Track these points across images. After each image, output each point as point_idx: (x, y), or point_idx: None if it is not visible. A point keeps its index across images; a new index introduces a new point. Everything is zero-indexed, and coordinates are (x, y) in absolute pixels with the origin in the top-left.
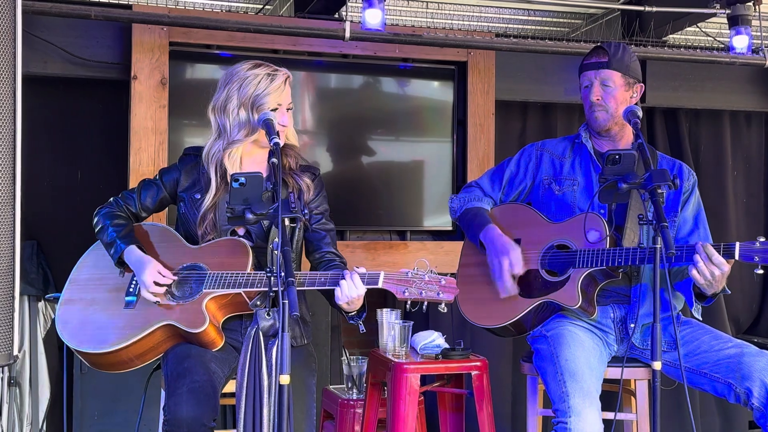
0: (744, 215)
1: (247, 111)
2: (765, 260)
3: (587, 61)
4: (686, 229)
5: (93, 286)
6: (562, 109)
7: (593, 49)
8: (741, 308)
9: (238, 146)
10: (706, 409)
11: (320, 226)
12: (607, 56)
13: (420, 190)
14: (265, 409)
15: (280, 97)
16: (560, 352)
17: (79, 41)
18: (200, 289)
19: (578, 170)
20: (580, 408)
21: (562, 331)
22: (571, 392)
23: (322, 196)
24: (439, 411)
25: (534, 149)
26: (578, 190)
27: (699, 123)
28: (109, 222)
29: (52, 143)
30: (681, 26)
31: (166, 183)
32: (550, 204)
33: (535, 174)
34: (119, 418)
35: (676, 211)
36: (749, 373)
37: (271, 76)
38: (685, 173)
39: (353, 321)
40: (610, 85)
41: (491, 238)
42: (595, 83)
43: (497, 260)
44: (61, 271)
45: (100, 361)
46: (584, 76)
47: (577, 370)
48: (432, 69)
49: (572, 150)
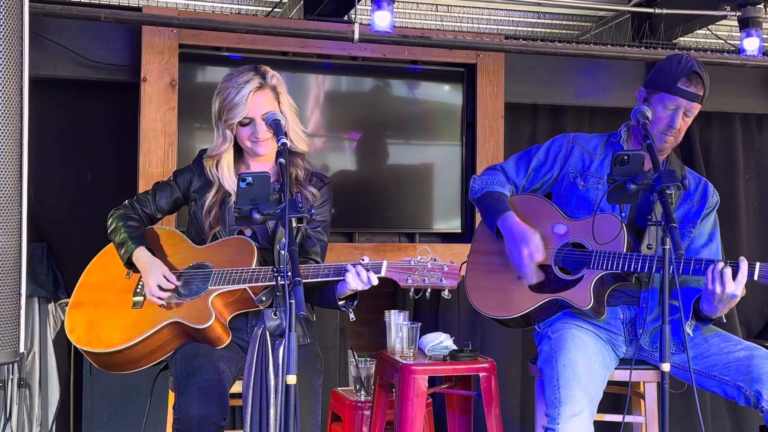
0: (756, 219)
1: (221, 124)
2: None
3: (684, 88)
4: (700, 242)
5: (101, 288)
6: (572, 111)
7: (692, 75)
8: (752, 312)
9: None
10: (716, 414)
11: (315, 234)
12: (703, 90)
13: (430, 193)
14: (272, 410)
15: (249, 110)
16: (560, 356)
17: (89, 44)
18: (206, 286)
19: (606, 169)
20: (568, 417)
21: (565, 335)
22: (563, 400)
23: (327, 206)
24: (447, 413)
25: (566, 140)
26: (602, 189)
27: (710, 126)
28: (122, 223)
29: (62, 145)
30: (691, 28)
31: (179, 184)
32: (571, 198)
33: (562, 165)
34: (128, 420)
35: (695, 222)
36: (759, 375)
37: (237, 89)
38: (710, 191)
39: (344, 309)
40: (690, 117)
41: (509, 225)
42: (680, 111)
43: (517, 249)
44: (72, 273)
45: (108, 361)
46: (674, 100)
47: (573, 377)
48: (441, 71)
49: (604, 147)
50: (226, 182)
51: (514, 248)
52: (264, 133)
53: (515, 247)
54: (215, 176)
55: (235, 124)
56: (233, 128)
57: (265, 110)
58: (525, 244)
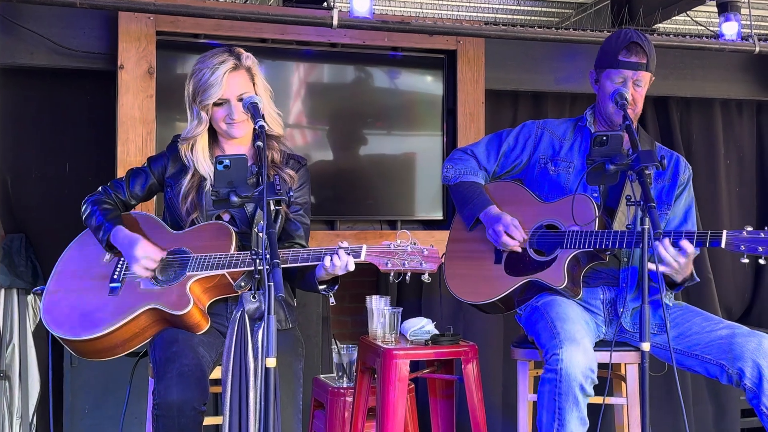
0: (737, 205)
1: (195, 106)
2: (751, 250)
3: (625, 59)
4: (675, 223)
5: (77, 275)
6: (553, 98)
7: (631, 45)
8: (733, 297)
9: (194, 139)
10: (698, 398)
11: (297, 217)
12: (646, 57)
13: (411, 181)
14: (251, 393)
15: (224, 90)
16: (551, 309)
17: (65, 32)
18: (184, 272)
19: (576, 153)
20: (574, 337)
21: (551, 301)
22: (561, 330)
23: (306, 188)
24: (430, 399)
25: (535, 126)
26: (573, 173)
27: (690, 112)
28: (96, 207)
29: (39, 135)
30: (670, 14)
31: (154, 170)
32: (543, 184)
33: (532, 151)
34: (110, 411)
35: (670, 203)
36: (741, 353)
37: (212, 70)
38: (682, 166)
39: (325, 292)
40: (642, 86)
41: (490, 218)
42: (628, 83)
43: (492, 229)
44: (50, 264)
45: (86, 349)
46: (619, 73)
47: (567, 319)
48: (421, 58)
49: (573, 132)
50: (201, 166)
51: (490, 229)
52: (239, 114)
53: (491, 228)
54: (190, 160)
55: (210, 105)
56: (208, 110)
57: (240, 91)
58: (498, 221)
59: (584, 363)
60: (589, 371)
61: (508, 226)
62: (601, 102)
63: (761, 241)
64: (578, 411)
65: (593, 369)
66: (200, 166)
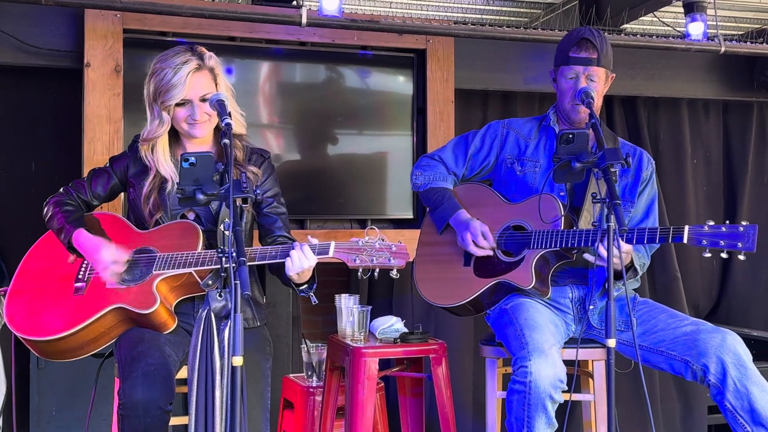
0: (704, 204)
1: (156, 106)
2: (712, 244)
3: (575, 55)
4: (636, 220)
5: (41, 275)
6: (522, 97)
7: (581, 41)
8: (700, 295)
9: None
10: (666, 395)
11: (272, 210)
12: (596, 52)
13: (382, 181)
14: (217, 392)
15: (187, 91)
16: (519, 315)
17: (31, 29)
18: (150, 271)
19: (542, 152)
20: (542, 348)
21: (518, 304)
22: (529, 340)
23: (272, 179)
24: (399, 397)
25: (500, 126)
26: (539, 173)
27: (657, 112)
28: (58, 209)
29: (5, 134)
30: (637, 14)
31: (116, 170)
32: (510, 184)
33: (498, 152)
34: (78, 413)
35: (633, 200)
36: (705, 349)
37: (175, 70)
38: (645, 162)
39: (304, 293)
40: (596, 81)
41: (459, 223)
42: (581, 78)
43: (461, 237)
44: (17, 264)
45: (50, 349)
46: (570, 69)
47: (535, 327)
48: (391, 57)
49: (538, 131)
50: (162, 167)
51: (459, 236)
52: (201, 114)
53: (460, 235)
54: (151, 161)
55: (172, 105)
56: (170, 110)
57: (204, 92)
58: (466, 228)
59: (552, 374)
60: (558, 382)
61: (476, 235)
62: (559, 99)
63: (723, 235)
64: (546, 417)
65: (562, 379)
66: (161, 167)
